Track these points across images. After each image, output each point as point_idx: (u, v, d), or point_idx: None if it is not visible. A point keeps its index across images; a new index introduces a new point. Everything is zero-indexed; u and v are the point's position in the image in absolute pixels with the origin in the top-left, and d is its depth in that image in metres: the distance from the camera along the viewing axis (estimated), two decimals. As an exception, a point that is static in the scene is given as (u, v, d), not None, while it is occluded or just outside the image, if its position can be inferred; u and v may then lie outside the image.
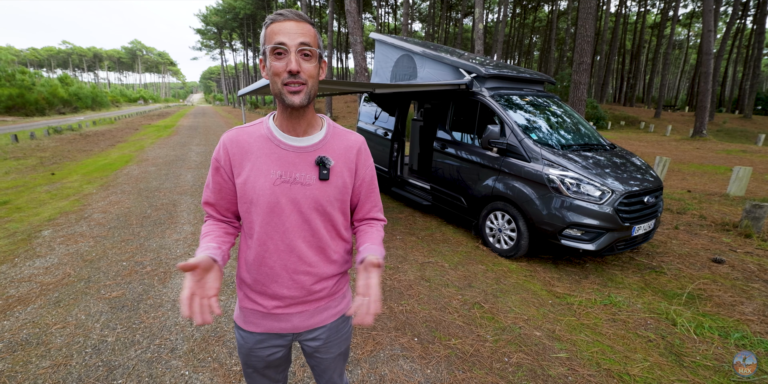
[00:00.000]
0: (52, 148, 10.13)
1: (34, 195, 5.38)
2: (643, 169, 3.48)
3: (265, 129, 0.91)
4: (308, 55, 0.80)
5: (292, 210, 0.88)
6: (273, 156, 0.88)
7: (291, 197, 0.87)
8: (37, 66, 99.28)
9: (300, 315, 0.97)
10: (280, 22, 0.79)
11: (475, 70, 3.91)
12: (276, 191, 0.86)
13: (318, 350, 1.04)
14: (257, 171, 0.87)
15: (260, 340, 0.98)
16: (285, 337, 1.00)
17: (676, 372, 1.98)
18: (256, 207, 0.88)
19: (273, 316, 0.96)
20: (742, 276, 3.12)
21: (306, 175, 0.88)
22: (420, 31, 50.94)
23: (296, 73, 0.79)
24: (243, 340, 1.00)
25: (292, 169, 0.88)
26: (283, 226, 0.89)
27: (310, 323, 0.99)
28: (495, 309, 2.57)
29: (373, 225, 1.04)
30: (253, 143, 0.89)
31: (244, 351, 1.01)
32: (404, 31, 17.20)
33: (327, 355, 1.05)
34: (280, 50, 0.79)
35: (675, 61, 61.97)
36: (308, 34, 0.80)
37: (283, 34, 0.78)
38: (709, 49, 15.14)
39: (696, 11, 40.18)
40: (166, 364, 1.95)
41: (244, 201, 0.90)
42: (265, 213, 0.88)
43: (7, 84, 24.87)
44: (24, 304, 2.51)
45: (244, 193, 0.88)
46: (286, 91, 0.80)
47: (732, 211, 4.85)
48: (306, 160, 0.89)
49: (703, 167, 8.83)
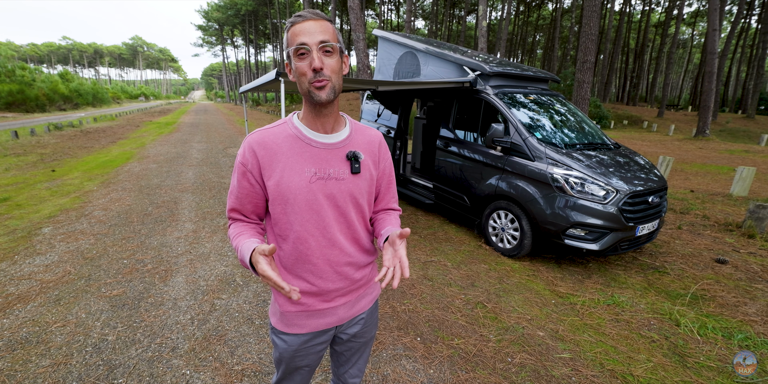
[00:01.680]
0: (52, 145, 10.11)
1: (34, 192, 5.37)
2: (647, 168, 3.45)
3: (292, 128, 0.91)
4: (329, 51, 0.82)
5: (329, 205, 0.91)
6: (305, 154, 0.89)
7: (327, 193, 0.90)
8: (38, 62, 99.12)
9: (344, 306, 1.01)
10: (300, 24, 0.82)
11: (479, 67, 3.88)
12: (313, 188, 0.88)
13: (355, 336, 1.09)
14: (290, 170, 0.87)
15: (306, 340, 0.99)
16: (329, 332, 1.03)
17: (679, 373, 1.96)
18: (293, 206, 0.88)
19: (319, 313, 0.98)
20: (746, 276, 3.10)
21: (339, 170, 0.91)
22: (423, 29, 50.69)
23: (320, 70, 0.80)
24: (286, 344, 0.99)
25: (325, 165, 0.90)
26: (323, 222, 0.91)
27: (352, 312, 1.04)
28: (498, 309, 2.55)
29: (390, 213, 1.09)
30: (282, 144, 0.89)
31: (288, 354, 1.00)
32: (407, 28, 17.10)
33: (361, 339, 1.11)
34: (302, 50, 0.81)
35: (679, 60, 61.66)
36: (327, 31, 0.82)
37: (304, 34, 0.80)
38: (713, 48, 15.04)
39: (701, 10, 39.91)
40: (167, 363, 1.94)
41: (278, 202, 0.89)
42: (303, 210, 0.89)
43: (7, 80, 24.82)
44: (24, 302, 2.50)
45: (279, 194, 0.88)
46: (312, 88, 0.82)
47: (735, 212, 4.82)
48: (337, 155, 0.91)
49: (706, 167, 8.79)
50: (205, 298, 2.60)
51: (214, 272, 2.99)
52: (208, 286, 2.76)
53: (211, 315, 2.39)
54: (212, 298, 2.59)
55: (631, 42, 43.46)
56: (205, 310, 2.45)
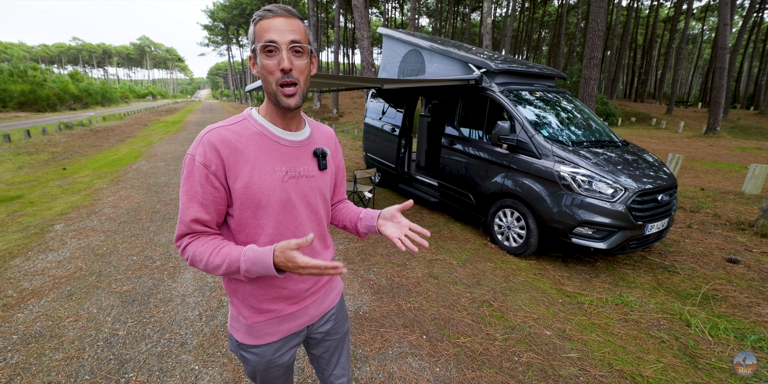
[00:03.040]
0: (63, 144, 10.27)
1: (46, 189, 5.46)
2: (656, 166, 3.40)
3: (257, 126, 0.85)
4: (299, 52, 0.79)
5: (301, 203, 0.89)
6: (274, 153, 0.85)
7: (300, 191, 0.88)
8: (48, 62, 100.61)
9: (314, 304, 1.00)
10: (269, 19, 0.77)
11: (484, 65, 3.85)
12: (285, 188, 0.85)
13: (329, 333, 1.08)
14: (260, 170, 0.82)
15: (278, 347, 0.97)
16: (301, 333, 1.01)
17: (690, 374, 1.94)
18: (265, 208, 0.84)
19: (290, 317, 0.96)
20: (759, 276, 3.05)
21: (308, 168, 0.91)
22: (427, 26, 50.42)
23: (288, 71, 0.78)
24: (258, 357, 0.95)
25: (296, 163, 0.88)
26: (295, 222, 0.89)
27: (322, 309, 1.03)
28: (504, 307, 2.54)
29: (347, 202, 1.14)
30: (246, 142, 0.82)
31: (262, 367, 0.96)
32: (411, 26, 17.02)
33: (336, 336, 1.10)
34: (271, 48, 0.77)
35: (688, 56, 60.53)
36: (298, 30, 0.79)
37: (273, 31, 0.77)
38: (724, 43, 14.73)
39: (711, 4, 39.10)
40: (176, 358, 1.97)
41: (248, 205, 0.82)
42: (277, 212, 0.85)
43: (19, 80, 25.23)
44: (37, 297, 2.55)
45: (249, 196, 0.82)
46: (281, 93, 0.80)
47: (747, 210, 4.74)
48: (305, 153, 0.91)
49: (716, 165, 8.64)
50: (213, 294, 2.63)
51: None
52: (215, 283, 2.79)
53: (218, 311, 2.42)
54: (220, 295, 2.62)
55: (639, 38, 42.74)
56: (212, 306, 2.48)
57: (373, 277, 2.96)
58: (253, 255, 0.76)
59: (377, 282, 2.88)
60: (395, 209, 0.94)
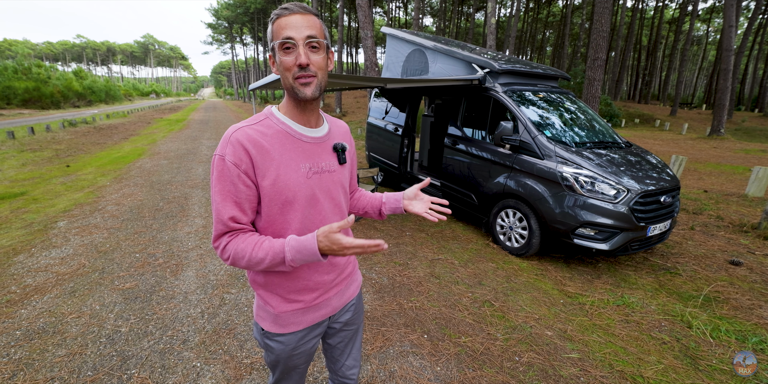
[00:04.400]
0: (67, 141, 10.32)
1: (49, 186, 5.49)
2: (659, 167, 3.39)
3: (279, 124, 0.87)
4: (316, 47, 0.81)
5: (325, 198, 0.92)
6: (298, 150, 0.88)
7: (323, 186, 0.91)
8: (53, 60, 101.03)
9: (336, 295, 1.03)
10: (286, 17, 0.79)
11: (488, 65, 3.84)
12: (310, 184, 0.88)
13: (347, 323, 1.11)
14: (286, 168, 0.85)
15: (302, 336, 1.00)
16: (323, 324, 1.04)
17: (691, 375, 1.94)
18: (293, 204, 0.86)
19: (314, 307, 0.98)
20: (761, 279, 3.04)
21: (330, 163, 0.93)
22: (431, 26, 50.37)
23: (306, 66, 0.79)
24: (284, 344, 0.98)
25: (317, 159, 0.91)
26: (320, 216, 0.92)
27: (344, 300, 1.06)
28: (505, 307, 2.54)
29: (361, 190, 1.20)
30: (271, 140, 0.84)
31: (286, 354, 0.99)
32: (415, 25, 17.00)
33: (353, 327, 1.14)
34: (288, 45, 0.79)
35: (693, 57, 60.24)
36: (314, 26, 0.80)
37: (290, 28, 0.78)
38: (729, 45, 14.65)
39: (717, 6, 38.88)
40: (178, 355, 1.98)
41: (276, 202, 0.85)
42: (303, 207, 0.88)
43: (24, 77, 25.38)
44: (41, 293, 2.56)
45: (277, 193, 0.84)
46: (297, 84, 0.81)
47: (751, 213, 4.71)
48: (325, 148, 0.93)
49: (720, 167, 8.60)
50: (215, 292, 2.64)
51: (224, 267, 3.03)
52: (217, 281, 2.80)
53: (220, 309, 2.43)
54: (222, 293, 2.63)
55: (643, 39, 42.56)
56: (214, 304, 2.49)
57: (375, 277, 2.97)
58: (297, 244, 0.79)
59: (379, 281, 2.89)
60: (417, 188, 1.08)
